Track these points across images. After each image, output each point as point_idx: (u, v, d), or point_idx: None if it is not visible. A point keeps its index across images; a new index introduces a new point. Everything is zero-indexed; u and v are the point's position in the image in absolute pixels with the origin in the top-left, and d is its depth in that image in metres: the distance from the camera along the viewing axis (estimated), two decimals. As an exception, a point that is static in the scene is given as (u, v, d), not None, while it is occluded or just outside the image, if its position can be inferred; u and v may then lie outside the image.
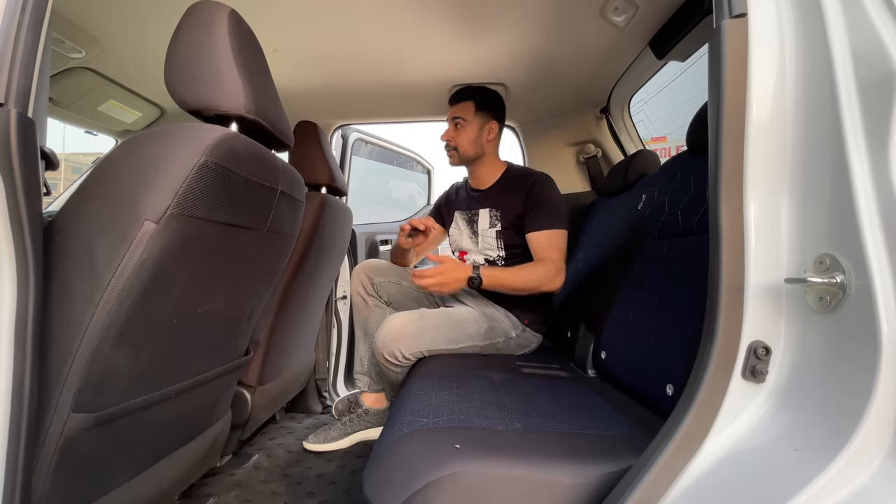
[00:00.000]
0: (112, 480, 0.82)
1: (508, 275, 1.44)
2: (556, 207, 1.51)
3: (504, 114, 1.68)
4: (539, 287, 1.43)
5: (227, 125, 0.84)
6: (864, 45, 0.54)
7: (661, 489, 0.58)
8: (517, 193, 1.57)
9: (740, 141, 0.59)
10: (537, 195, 1.52)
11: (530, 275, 1.43)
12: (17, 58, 0.60)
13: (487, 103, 1.62)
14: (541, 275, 1.43)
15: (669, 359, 0.92)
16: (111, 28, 1.40)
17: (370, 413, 1.64)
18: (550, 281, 1.43)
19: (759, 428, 0.57)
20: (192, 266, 0.80)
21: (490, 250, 1.62)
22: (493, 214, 1.61)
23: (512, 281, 1.44)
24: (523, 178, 1.60)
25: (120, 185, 0.71)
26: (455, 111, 1.63)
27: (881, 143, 0.51)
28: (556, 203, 1.52)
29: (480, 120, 1.61)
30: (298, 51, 1.56)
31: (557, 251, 1.47)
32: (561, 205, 1.53)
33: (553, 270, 1.43)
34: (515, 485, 0.67)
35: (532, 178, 1.57)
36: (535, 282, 1.43)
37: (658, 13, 1.33)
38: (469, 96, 1.62)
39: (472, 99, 1.62)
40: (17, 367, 0.60)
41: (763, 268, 0.59)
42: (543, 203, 1.51)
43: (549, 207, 1.50)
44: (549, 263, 1.44)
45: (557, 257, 1.46)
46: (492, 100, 1.64)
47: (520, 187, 1.57)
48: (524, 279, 1.43)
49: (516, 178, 1.62)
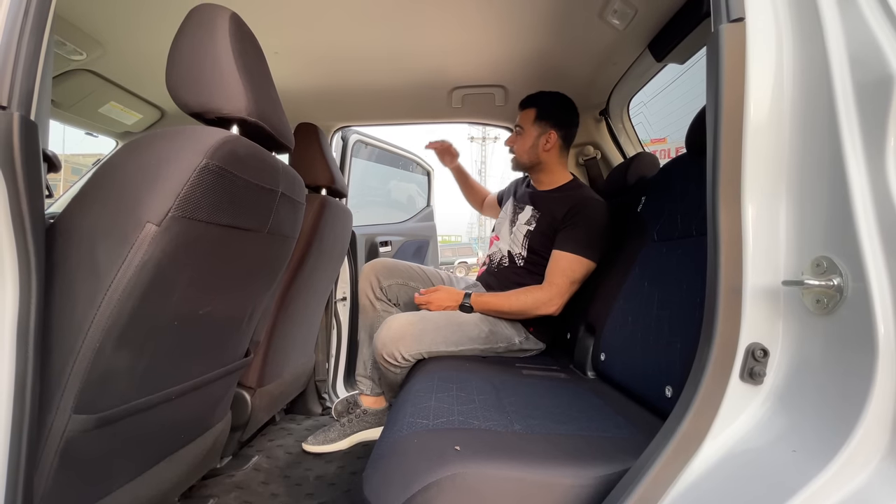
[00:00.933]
0: (113, 481, 0.83)
1: (500, 301, 1.47)
2: (591, 235, 1.46)
3: (571, 122, 1.65)
4: (532, 311, 1.45)
5: (228, 128, 0.84)
6: (861, 48, 0.54)
7: (660, 491, 0.58)
8: (563, 206, 1.53)
9: (738, 144, 0.60)
10: (578, 216, 1.48)
11: (524, 301, 1.45)
12: (20, 61, 0.61)
13: (550, 112, 1.61)
14: (535, 300, 1.44)
15: (668, 360, 0.92)
16: (112, 30, 1.40)
17: (369, 413, 1.64)
18: (544, 306, 1.44)
19: (757, 429, 0.58)
20: (193, 268, 0.80)
21: (515, 245, 1.63)
22: (533, 214, 1.62)
23: (503, 306, 1.47)
24: (576, 196, 1.55)
25: (121, 187, 0.71)
26: (518, 118, 1.65)
27: (878, 146, 0.52)
28: (593, 231, 1.46)
29: (539, 129, 1.61)
30: (299, 53, 1.57)
31: (566, 277, 1.44)
32: (598, 235, 1.46)
33: (548, 296, 1.43)
34: (515, 486, 0.67)
35: (583, 199, 1.52)
36: (527, 307, 1.45)
37: (657, 16, 1.34)
38: (533, 103, 1.62)
39: (534, 106, 1.62)
40: (19, 368, 0.60)
41: (761, 270, 0.59)
42: (580, 226, 1.47)
43: (584, 232, 1.46)
44: (550, 288, 1.44)
45: (562, 282, 1.44)
46: (556, 109, 1.61)
47: (568, 202, 1.53)
48: (516, 306, 1.46)
49: (571, 193, 1.59)
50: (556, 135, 1.61)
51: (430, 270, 1.79)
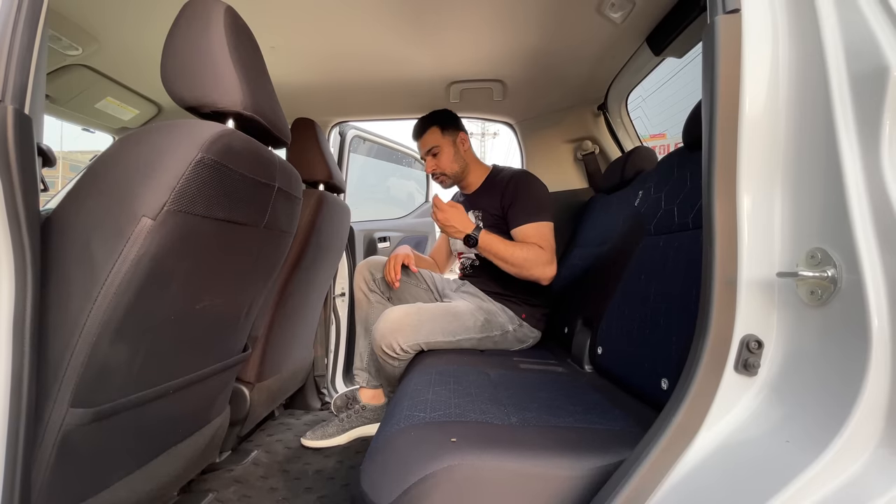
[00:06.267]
0: (111, 475, 0.83)
1: (504, 245, 1.45)
2: (537, 200, 1.52)
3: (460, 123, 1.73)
4: (530, 268, 1.42)
5: (223, 122, 0.84)
6: (857, 39, 0.54)
7: (655, 481, 0.59)
8: (495, 193, 1.60)
9: (733, 136, 0.60)
10: (514, 191, 1.54)
11: (526, 252, 1.44)
12: (14, 54, 0.61)
13: (446, 121, 1.68)
14: (536, 256, 1.43)
15: (664, 353, 0.92)
16: (107, 25, 1.40)
17: (368, 409, 1.64)
18: (543, 266, 1.43)
19: (752, 420, 0.58)
20: (189, 262, 0.80)
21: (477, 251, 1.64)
22: (476, 216, 1.65)
23: (505, 252, 1.44)
24: (501, 178, 1.63)
25: (117, 181, 0.71)
26: (425, 143, 1.67)
27: (873, 138, 0.52)
28: (536, 196, 1.53)
29: (450, 138, 1.67)
30: (296, 47, 1.56)
31: (546, 241, 1.47)
32: (542, 198, 1.54)
33: (547, 257, 1.44)
34: (511, 477, 0.68)
35: (508, 176, 1.60)
36: (528, 260, 1.43)
37: (655, 9, 1.33)
38: (430, 123, 1.67)
39: (433, 125, 1.66)
40: (16, 362, 0.60)
41: (756, 262, 0.59)
42: (523, 197, 1.52)
43: (530, 201, 1.52)
44: (545, 251, 1.45)
45: (548, 247, 1.46)
46: (447, 116, 1.70)
47: (497, 186, 1.61)
48: (518, 254, 1.44)
49: (495, 179, 1.66)
50: (463, 134, 1.71)
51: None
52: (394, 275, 1.60)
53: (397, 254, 1.67)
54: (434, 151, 1.66)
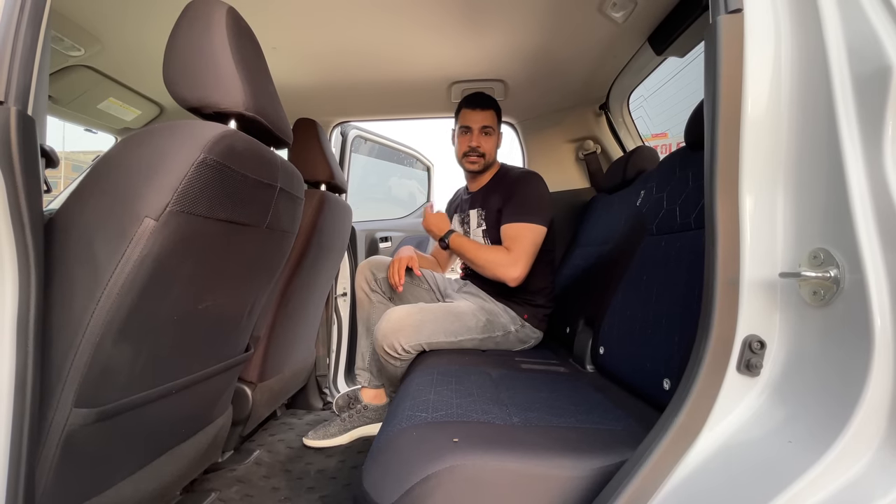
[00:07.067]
0: (114, 475, 0.83)
1: (471, 247, 1.52)
2: (532, 202, 1.52)
3: None
4: (493, 268, 1.46)
5: (225, 122, 0.84)
6: (859, 39, 0.54)
7: (657, 482, 0.59)
8: (500, 191, 1.60)
9: (735, 136, 0.60)
10: (514, 190, 1.55)
11: (490, 254, 1.48)
12: (17, 56, 0.61)
13: (500, 114, 1.68)
14: (499, 258, 1.46)
15: (667, 353, 0.92)
16: (110, 26, 1.40)
17: (370, 409, 1.64)
18: (506, 268, 1.44)
19: (754, 421, 0.58)
20: (191, 263, 0.80)
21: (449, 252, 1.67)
22: (479, 214, 1.65)
23: (470, 252, 1.51)
24: (509, 177, 1.63)
25: (119, 182, 0.71)
26: (484, 119, 1.63)
27: (875, 138, 0.51)
28: (533, 198, 1.53)
29: (498, 128, 1.68)
30: (297, 48, 1.56)
31: (520, 243, 1.46)
32: (534, 199, 1.53)
33: (509, 259, 1.44)
34: (512, 478, 0.68)
35: (514, 175, 1.61)
36: (490, 262, 1.47)
37: (657, 9, 1.33)
38: (491, 104, 1.65)
39: (494, 109, 1.65)
40: (20, 362, 0.61)
41: (758, 262, 0.59)
42: (514, 197, 1.53)
43: (524, 201, 1.52)
44: (509, 253, 1.46)
45: (518, 248, 1.46)
46: (500, 111, 1.70)
47: (502, 185, 1.61)
48: (481, 255, 1.49)
49: (502, 177, 1.66)
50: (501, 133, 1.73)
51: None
52: (398, 279, 1.60)
53: (401, 256, 1.66)
54: (488, 131, 1.64)
